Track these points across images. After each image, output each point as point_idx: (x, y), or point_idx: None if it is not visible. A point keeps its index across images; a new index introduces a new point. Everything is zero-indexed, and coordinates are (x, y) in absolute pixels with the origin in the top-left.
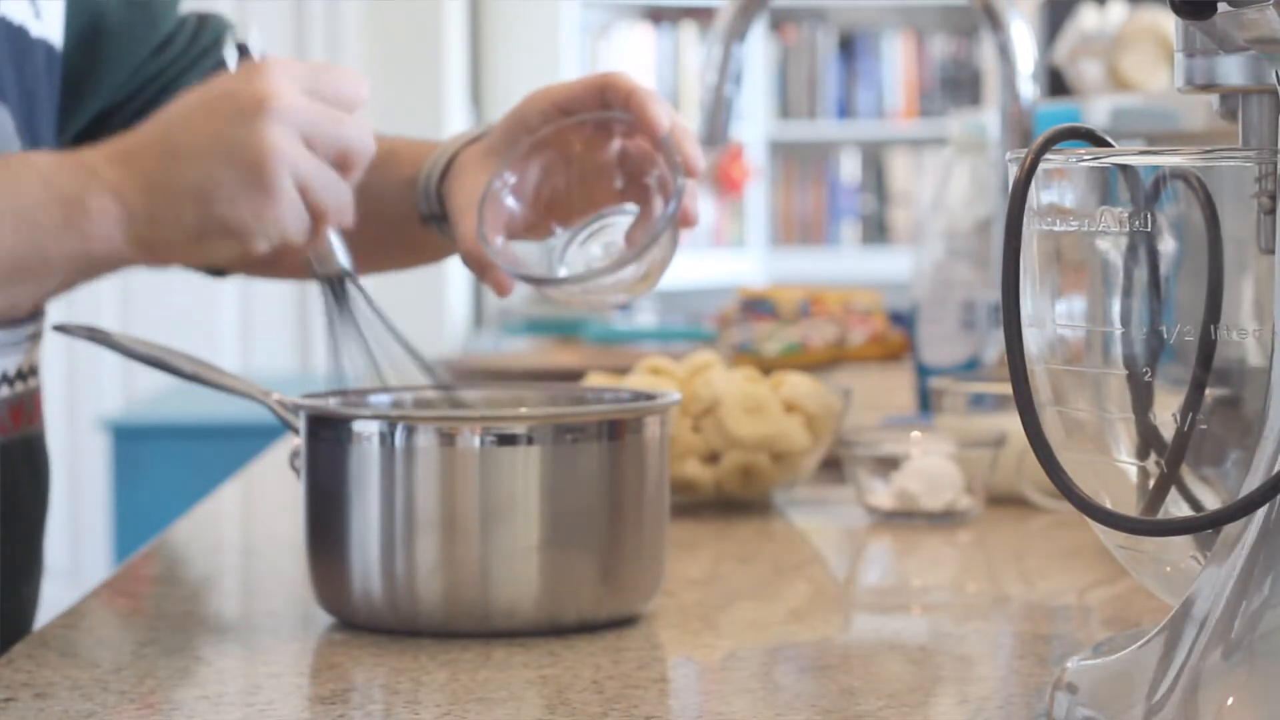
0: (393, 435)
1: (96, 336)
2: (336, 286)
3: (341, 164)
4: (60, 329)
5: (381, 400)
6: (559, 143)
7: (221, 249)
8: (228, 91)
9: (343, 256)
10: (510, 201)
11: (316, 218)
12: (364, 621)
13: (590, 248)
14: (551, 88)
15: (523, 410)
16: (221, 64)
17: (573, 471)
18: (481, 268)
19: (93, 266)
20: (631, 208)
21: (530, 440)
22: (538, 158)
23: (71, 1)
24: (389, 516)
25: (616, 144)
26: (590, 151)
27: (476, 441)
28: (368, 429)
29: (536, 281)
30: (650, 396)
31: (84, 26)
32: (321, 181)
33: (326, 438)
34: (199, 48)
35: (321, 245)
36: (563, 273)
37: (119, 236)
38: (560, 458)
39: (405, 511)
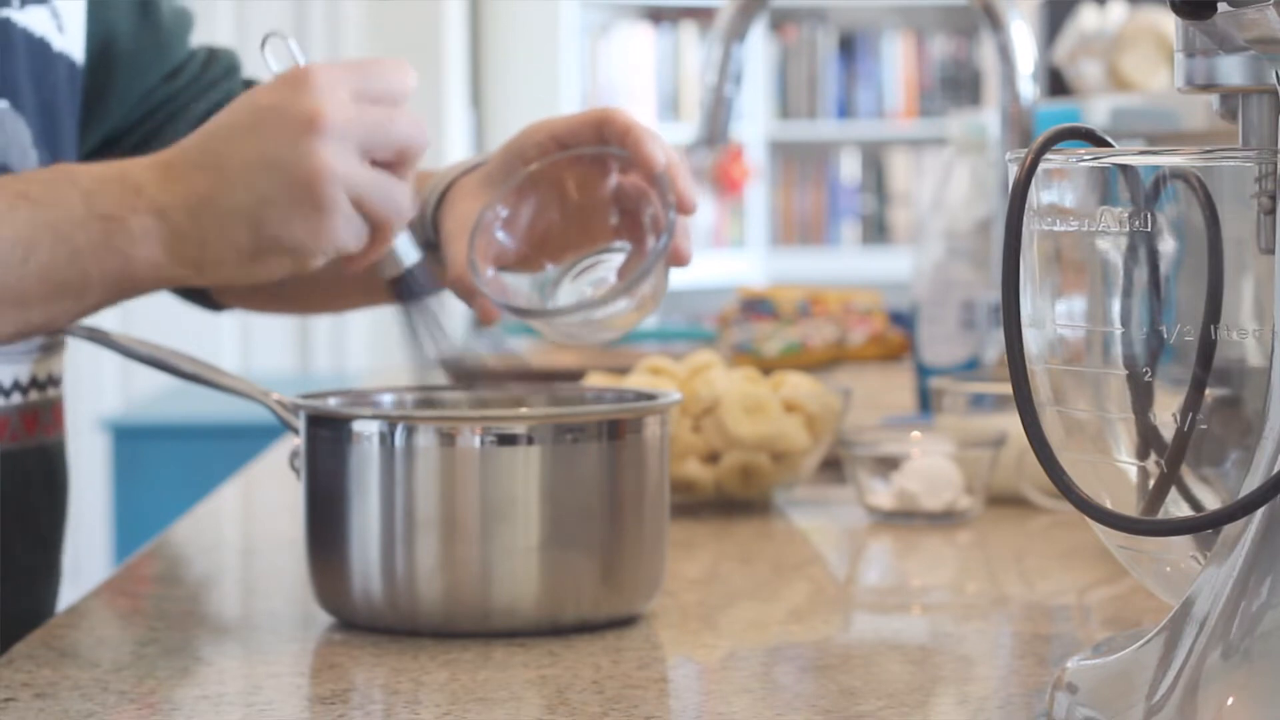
0: (393, 435)
1: (96, 336)
2: (406, 284)
3: (397, 164)
4: (59, 329)
5: (382, 400)
6: (554, 177)
7: (275, 267)
8: (275, 106)
9: (406, 254)
10: (501, 235)
11: (377, 227)
12: (364, 621)
13: (581, 284)
14: (549, 120)
15: (523, 410)
16: (229, 96)
17: (573, 471)
18: (469, 295)
19: (135, 286)
20: (624, 245)
21: (530, 440)
22: (532, 191)
23: (90, 20)
24: (389, 516)
25: (612, 180)
26: (585, 187)
27: (476, 441)
28: (368, 429)
29: (524, 313)
30: (650, 396)
31: (98, 48)
32: (378, 192)
33: (326, 438)
34: (208, 79)
35: (383, 253)
36: (551, 307)
37: (163, 256)
38: (560, 458)
39: (405, 511)
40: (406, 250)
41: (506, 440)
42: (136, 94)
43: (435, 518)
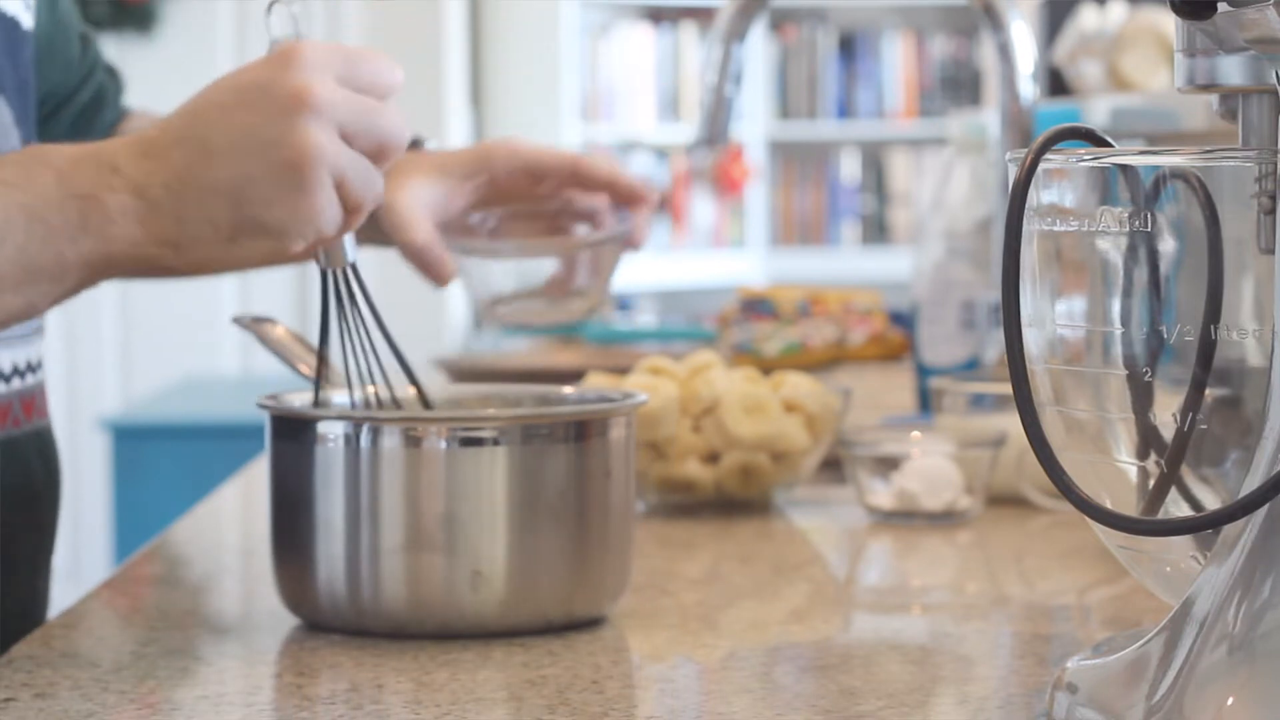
0: (358, 437)
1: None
2: (340, 280)
3: (376, 155)
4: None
5: (349, 401)
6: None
7: (254, 249)
8: (262, 83)
9: (350, 250)
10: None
11: (350, 212)
12: (328, 623)
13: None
14: (522, 146)
15: (489, 411)
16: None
17: (538, 473)
18: (423, 256)
19: (113, 267)
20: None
21: (496, 442)
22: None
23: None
24: (354, 519)
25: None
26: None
27: (442, 443)
28: (333, 430)
29: (475, 251)
30: (614, 399)
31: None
32: (358, 176)
33: (291, 439)
34: (87, 63)
35: (338, 240)
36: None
37: (140, 234)
38: (526, 459)
39: (370, 513)
40: (350, 246)
41: (472, 442)
42: (59, 70)
43: (400, 520)
